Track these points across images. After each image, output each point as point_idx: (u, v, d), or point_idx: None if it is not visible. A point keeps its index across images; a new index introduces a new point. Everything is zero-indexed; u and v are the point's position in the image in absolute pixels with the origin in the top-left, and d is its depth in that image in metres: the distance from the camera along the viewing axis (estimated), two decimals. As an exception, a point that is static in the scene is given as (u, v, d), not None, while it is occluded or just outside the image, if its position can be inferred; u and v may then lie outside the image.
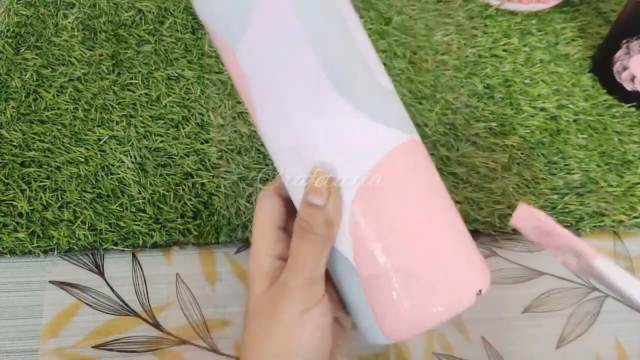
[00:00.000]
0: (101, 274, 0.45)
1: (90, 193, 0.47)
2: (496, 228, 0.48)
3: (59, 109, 0.52)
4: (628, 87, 0.55)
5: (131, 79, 0.54)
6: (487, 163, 0.51)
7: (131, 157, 0.49)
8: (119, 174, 0.48)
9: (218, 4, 0.29)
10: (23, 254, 0.45)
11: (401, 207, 0.29)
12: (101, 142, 0.50)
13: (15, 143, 0.49)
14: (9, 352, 0.41)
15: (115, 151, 0.49)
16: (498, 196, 0.49)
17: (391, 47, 0.58)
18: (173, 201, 0.47)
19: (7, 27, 0.57)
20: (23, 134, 0.50)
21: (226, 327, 0.43)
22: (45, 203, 0.46)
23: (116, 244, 0.45)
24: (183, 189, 0.48)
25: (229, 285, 0.45)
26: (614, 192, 0.50)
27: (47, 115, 0.51)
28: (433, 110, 0.54)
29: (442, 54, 0.59)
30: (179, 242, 0.45)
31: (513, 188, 0.50)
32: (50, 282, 0.44)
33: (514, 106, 0.55)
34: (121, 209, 0.46)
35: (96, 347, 0.42)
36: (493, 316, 0.45)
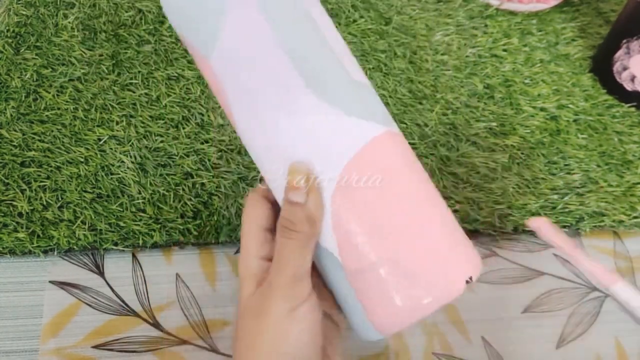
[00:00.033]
0: (101, 274, 0.45)
1: (90, 193, 0.47)
2: (496, 228, 0.48)
3: (59, 109, 0.52)
4: (628, 87, 0.55)
5: (131, 79, 0.54)
6: (487, 163, 0.51)
7: (131, 157, 0.49)
8: (119, 174, 0.48)
9: (189, 12, 0.30)
10: (23, 254, 0.45)
11: (383, 199, 0.29)
12: (101, 142, 0.50)
13: (15, 143, 0.49)
14: (9, 352, 0.41)
15: (115, 151, 0.49)
16: (498, 196, 0.49)
17: (391, 47, 0.58)
18: (173, 201, 0.47)
19: (7, 27, 0.57)
20: (23, 134, 0.50)
21: (226, 327, 0.43)
22: (45, 203, 0.46)
23: (116, 244, 0.45)
24: (183, 189, 0.48)
25: (229, 285, 0.45)
26: (614, 192, 0.50)
27: (47, 115, 0.51)
28: (433, 110, 0.54)
29: (442, 54, 0.59)
30: (179, 242, 0.45)
31: (513, 188, 0.50)
32: (50, 282, 0.44)
33: (514, 106, 0.55)
34: (121, 209, 0.46)
35: (96, 347, 0.42)
36: (493, 316, 0.45)
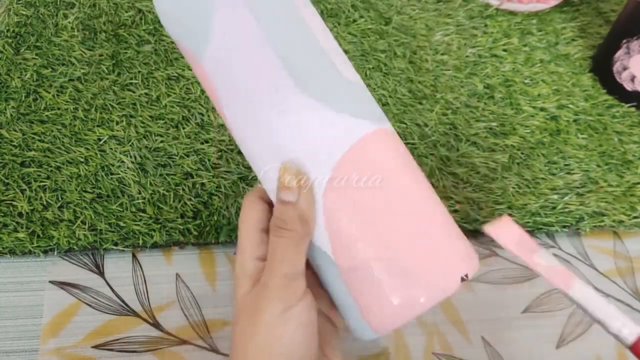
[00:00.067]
0: (101, 274, 0.45)
1: (90, 193, 0.47)
2: (496, 228, 0.48)
3: (59, 109, 0.52)
4: (628, 87, 0.55)
5: (131, 79, 0.54)
6: (487, 163, 0.51)
7: (131, 157, 0.49)
8: (119, 174, 0.48)
9: (181, 16, 0.30)
10: (23, 254, 0.45)
11: (375, 196, 0.29)
12: (101, 142, 0.50)
13: (15, 143, 0.49)
14: (9, 352, 0.41)
15: (115, 151, 0.49)
16: (498, 196, 0.49)
17: (391, 47, 0.58)
18: (173, 201, 0.47)
19: (7, 27, 0.57)
20: (23, 134, 0.50)
21: (226, 327, 0.43)
22: (45, 203, 0.46)
23: (116, 244, 0.45)
24: (183, 189, 0.48)
25: (229, 285, 0.45)
26: (614, 192, 0.50)
27: (47, 115, 0.51)
28: (433, 110, 0.54)
29: (442, 54, 0.59)
30: (179, 242, 0.45)
31: (513, 188, 0.50)
32: (50, 282, 0.44)
33: (514, 106, 0.55)
34: (121, 209, 0.46)
35: (96, 347, 0.42)
36: (493, 316, 0.45)
